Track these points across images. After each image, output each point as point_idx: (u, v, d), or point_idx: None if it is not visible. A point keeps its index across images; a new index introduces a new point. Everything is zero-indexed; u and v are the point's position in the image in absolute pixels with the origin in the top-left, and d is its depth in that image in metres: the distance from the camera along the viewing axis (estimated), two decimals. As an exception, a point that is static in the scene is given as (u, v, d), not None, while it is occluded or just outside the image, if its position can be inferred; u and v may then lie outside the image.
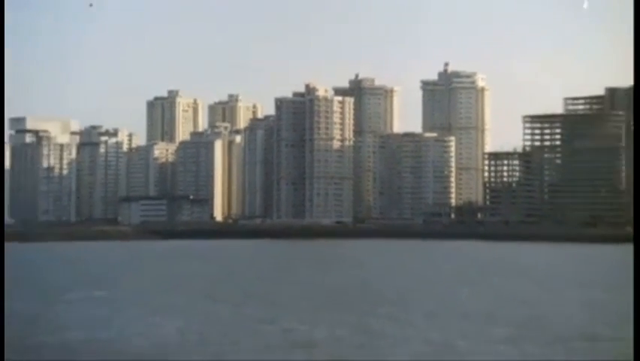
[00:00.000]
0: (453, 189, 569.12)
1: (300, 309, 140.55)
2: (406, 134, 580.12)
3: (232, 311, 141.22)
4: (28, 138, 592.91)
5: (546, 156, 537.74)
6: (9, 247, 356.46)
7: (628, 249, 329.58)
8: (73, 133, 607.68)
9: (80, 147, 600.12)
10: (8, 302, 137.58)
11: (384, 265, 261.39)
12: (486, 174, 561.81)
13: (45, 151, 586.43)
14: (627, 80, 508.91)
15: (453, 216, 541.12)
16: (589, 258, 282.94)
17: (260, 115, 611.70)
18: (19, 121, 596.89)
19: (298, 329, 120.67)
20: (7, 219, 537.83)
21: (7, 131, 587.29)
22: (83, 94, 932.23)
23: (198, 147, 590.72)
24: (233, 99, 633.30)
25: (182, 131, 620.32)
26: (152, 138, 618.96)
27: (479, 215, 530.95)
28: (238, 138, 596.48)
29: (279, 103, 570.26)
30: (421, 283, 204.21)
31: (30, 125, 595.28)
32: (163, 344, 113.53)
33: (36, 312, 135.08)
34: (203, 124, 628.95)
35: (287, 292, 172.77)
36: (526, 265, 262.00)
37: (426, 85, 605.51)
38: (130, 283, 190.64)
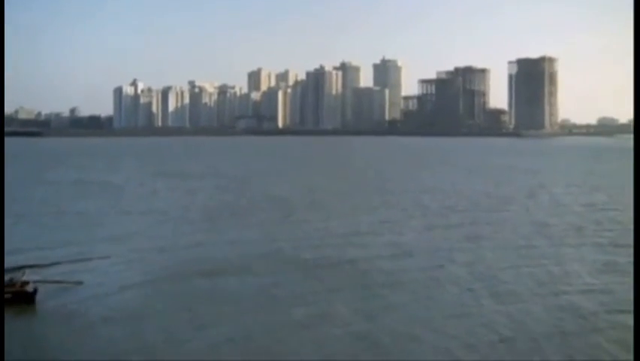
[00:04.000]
0: (387, 113, 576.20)
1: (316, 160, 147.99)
2: (366, 88, 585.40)
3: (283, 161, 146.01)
4: (196, 90, 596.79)
5: (427, 98, 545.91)
6: (183, 139, 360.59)
7: (464, 139, 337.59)
8: (215, 87, 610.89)
9: (219, 94, 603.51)
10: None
11: (354, 144, 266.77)
12: (402, 106, 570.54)
13: (203, 96, 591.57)
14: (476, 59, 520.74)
15: (386, 125, 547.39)
16: (447, 142, 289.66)
17: (298, 79, 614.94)
18: (191, 82, 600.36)
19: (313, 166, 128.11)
20: (183, 125, 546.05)
21: (186, 87, 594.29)
22: (219, 67, 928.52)
23: (271, 94, 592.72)
24: (286, 72, 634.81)
25: (263, 86, 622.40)
26: (250, 90, 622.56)
27: (398, 125, 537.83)
28: (289, 90, 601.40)
29: (308, 74, 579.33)
30: (370, 148, 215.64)
31: (197, 83, 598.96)
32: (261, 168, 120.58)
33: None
34: (272, 83, 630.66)
35: (309, 154, 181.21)
36: (418, 141, 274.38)
37: (375, 65, 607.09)
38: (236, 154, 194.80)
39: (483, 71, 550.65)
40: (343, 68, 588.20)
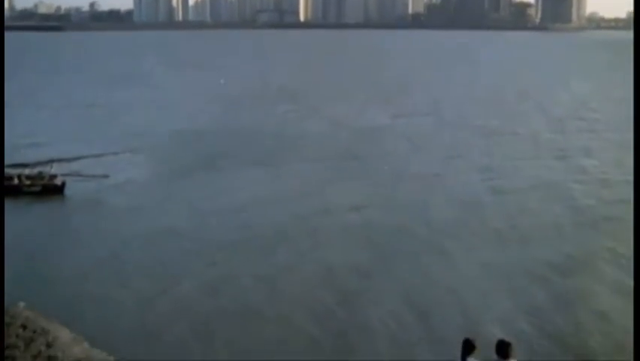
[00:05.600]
0: (410, 6, 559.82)
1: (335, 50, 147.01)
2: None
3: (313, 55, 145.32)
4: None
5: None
6: (203, 33, 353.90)
7: (489, 33, 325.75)
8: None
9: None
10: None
11: (377, 38, 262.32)
12: (425, 0, 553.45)
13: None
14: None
15: (410, 19, 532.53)
16: (471, 36, 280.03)
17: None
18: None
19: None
20: (204, 19, 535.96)
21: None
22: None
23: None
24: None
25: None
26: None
27: (422, 19, 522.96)
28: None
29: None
30: (392, 42, 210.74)
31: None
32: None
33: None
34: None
35: (329, 48, 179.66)
36: (441, 35, 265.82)
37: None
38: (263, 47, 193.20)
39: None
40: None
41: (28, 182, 30.40)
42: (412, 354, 15.67)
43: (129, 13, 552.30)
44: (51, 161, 33.63)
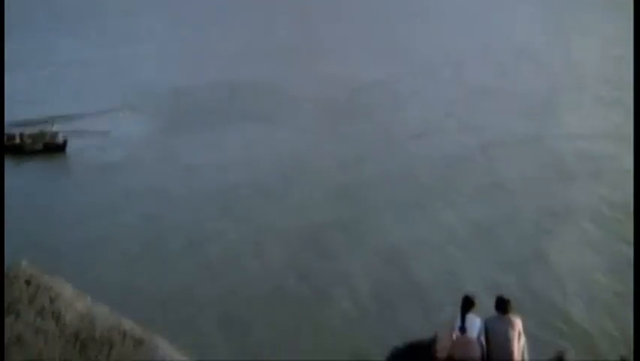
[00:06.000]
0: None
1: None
2: None
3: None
4: None
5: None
6: None
7: None
8: None
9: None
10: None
11: None
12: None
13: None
14: None
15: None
16: None
17: None
18: None
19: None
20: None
21: None
22: None
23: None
24: None
25: None
26: None
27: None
28: None
29: None
30: None
31: None
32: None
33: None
34: None
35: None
36: None
37: None
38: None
39: None
40: None
41: (29, 140, 30.72)
42: (395, 309, 16.32)
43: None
44: (52, 119, 33.83)
